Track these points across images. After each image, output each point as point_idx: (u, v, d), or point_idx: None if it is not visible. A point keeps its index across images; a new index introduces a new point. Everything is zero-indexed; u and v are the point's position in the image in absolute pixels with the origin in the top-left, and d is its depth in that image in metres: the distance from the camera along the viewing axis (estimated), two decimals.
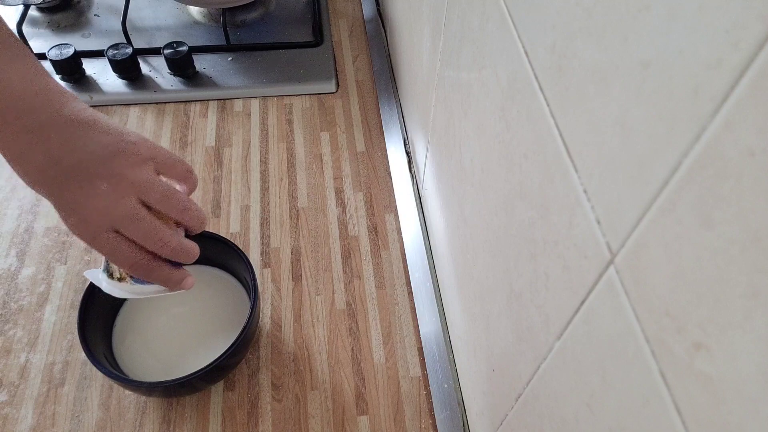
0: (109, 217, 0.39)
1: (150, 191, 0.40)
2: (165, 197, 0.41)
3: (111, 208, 0.39)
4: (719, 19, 0.17)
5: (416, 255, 0.65)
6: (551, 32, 0.28)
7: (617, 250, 0.23)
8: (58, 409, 0.54)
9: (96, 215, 0.39)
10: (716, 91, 0.17)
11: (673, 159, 0.19)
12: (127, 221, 0.39)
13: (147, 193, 0.40)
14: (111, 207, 0.39)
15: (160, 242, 0.41)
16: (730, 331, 0.18)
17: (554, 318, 0.30)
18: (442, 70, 0.50)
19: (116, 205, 0.39)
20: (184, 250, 0.43)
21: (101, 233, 0.39)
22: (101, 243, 0.40)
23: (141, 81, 0.79)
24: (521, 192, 0.33)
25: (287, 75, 0.82)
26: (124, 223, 0.39)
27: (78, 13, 0.87)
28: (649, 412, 0.22)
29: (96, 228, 0.39)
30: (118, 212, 0.39)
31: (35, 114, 0.38)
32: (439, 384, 0.56)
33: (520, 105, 0.32)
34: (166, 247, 0.41)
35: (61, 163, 0.38)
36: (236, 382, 0.57)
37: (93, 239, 0.39)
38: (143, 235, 0.40)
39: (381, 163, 0.74)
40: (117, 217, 0.39)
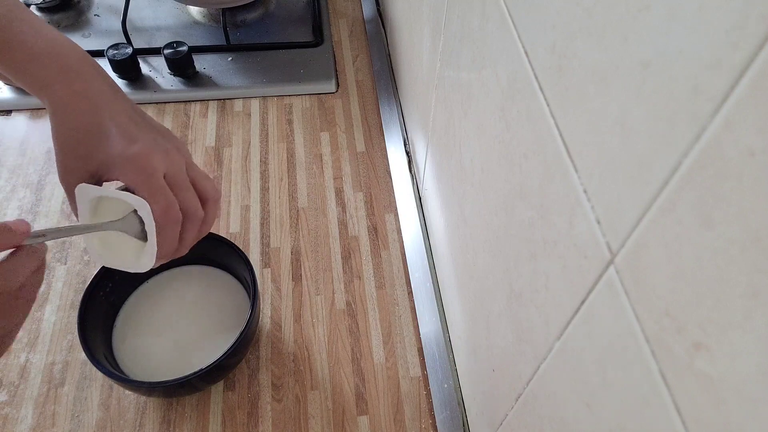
0: (171, 163, 0.41)
1: (191, 169, 0.44)
2: (198, 181, 0.44)
3: (174, 159, 0.42)
4: (719, 19, 0.17)
5: (416, 255, 0.65)
6: (551, 32, 0.28)
7: (617, 250, 0.23)
8: (58, 409, 0.54)
9: (163, 156, 0.41)
10: (716, 91, 0.17)
11: (673, 159, 0.19)
12: (180, 175, 0.42)
13: (189, 169, 0.43)
14: (174, 158, 0.42)
15: (195, 205, 0.43)
16: (730, 331, 0.18)
17: (554, 318, 0.30)
18: (442, 70, 0.50)
19: (177, 160, 0.42)
20: (199, 225, 0.45)
21: (159, 171, 0.41)
22: (157, 175, 0.41)
23: (141, 81, 0.79)
24: (521, 192, 0.33)
25: (287, 75, 0.82)
26: (178, 175, 0.42)
27: (78, 13, 0.87)
28: (649, 412, 0.22)
29: (159, 164, 0.41)
30: (178, 164, 0.42)
31: (103, 76, 0.43)
32: (439, 384, 0.56)
33: (520, 105, 0.32)
34: (198, 211, 0.43)
35: (131, 116, 0.42)
36: (236, 382, 0.57)
37: (153, 170, 0.41)
38: (186, 192, 0.42)
39: (381, 163, 0.74)
40: (176, 168, 0.42)
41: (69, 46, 0.43)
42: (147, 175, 0.40)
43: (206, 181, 0.44)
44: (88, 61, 0.43)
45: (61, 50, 0.42)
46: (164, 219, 0.41)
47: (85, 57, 0.43)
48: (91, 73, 0.42)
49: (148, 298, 0.58)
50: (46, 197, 0.68)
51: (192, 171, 0.44)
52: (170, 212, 0.41)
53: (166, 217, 0.41)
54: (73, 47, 0.43)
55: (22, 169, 0.71)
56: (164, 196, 0.41)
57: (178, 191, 0.42)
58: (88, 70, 0.42)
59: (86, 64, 0.43)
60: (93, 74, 0.42)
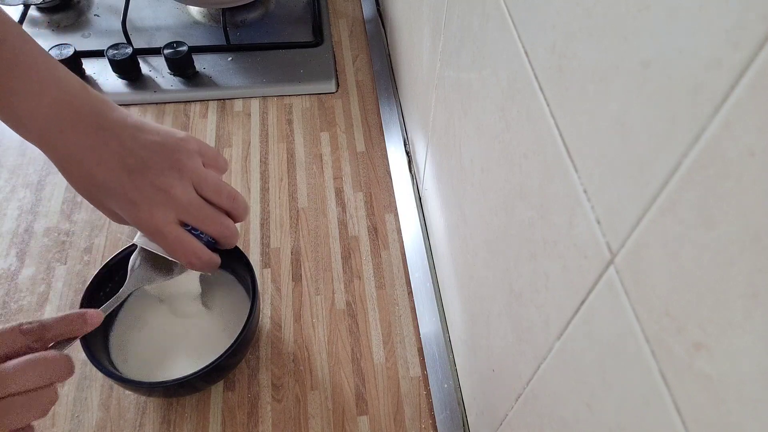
0: (176, 208, 0.41)
1: (204, 182, 0.43)
2: (217, 187, 0.44)
3: (178, 198, 0.41)
4: (719, 19, 0.17)
5: (416, 255, 0.65)
6: (551, 32, 0.28)
7: (617, 250, 0.23)
8: (58, 409, 0.54)
9: (165, 207, 0.41)
10: (716, 91, 0.17)
11: (673, 159, 0.19)
12: (192, 210, 0.42)
13: (201, 184, 0.43)
14: (178, 197, 0.41)
15: (221, 226, 0.44)
16: (730, 331, 0.18)
17: (554, 318, 0.30)
18: (442, 70, 0.50)
19: (182, 196, 0.42)
20: (235, 234, 0.46)
21: (169, 224, 0.42)
22: (169, 233, 0.42)
23: (141, 81, 0.79)
24: (521, 192, 0.33)
25: (287, 75, 0.82)
26: (189, 213, 0.42)
27: (78, 13, 0.87)
28: (649, 412, 0.22)
29: (164, 219, 0.41)
30: (184, 202, 0.42)
31: (95, 117, 0.41)
32: (439, 384, 0.56)
33: (520, 105, 0.32)
34: (226, 229, 0.45)
35: (125, 163, 0.41)
36: (236, 382, 0.57)
37: (162, 230, 0.42)
38: (206, 221, 0.43)
39: (381, 163, 0.74)
40: (183, 207, 0.42)
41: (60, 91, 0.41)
42: (158, 236, 0.42)
43: (221, 197, 0.45)
44: (77, 100, 0.41)
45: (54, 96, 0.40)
46: (191, 265, 0.44)
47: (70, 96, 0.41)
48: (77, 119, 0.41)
49: (147, 297, 0.58)
50: (46, 197, 0.68)
51: (205, 188, 0.43)
52: (192, 259, 0.44)
53: (192, 263, 0.44)
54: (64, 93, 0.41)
55: (22, 169, 0.71)
56: (181, 248, 0.43)
57: (200, 224, 0.43)
58: (74, 117, 0.41)
59: (72, 106, 0.41)
60: (77, 120, 0.41)
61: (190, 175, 0.42)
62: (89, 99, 0.41)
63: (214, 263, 0.46)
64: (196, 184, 0.43)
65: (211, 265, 0.46)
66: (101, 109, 0.42)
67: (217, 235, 0.45)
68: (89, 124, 0.41)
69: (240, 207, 0.46)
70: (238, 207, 0.46)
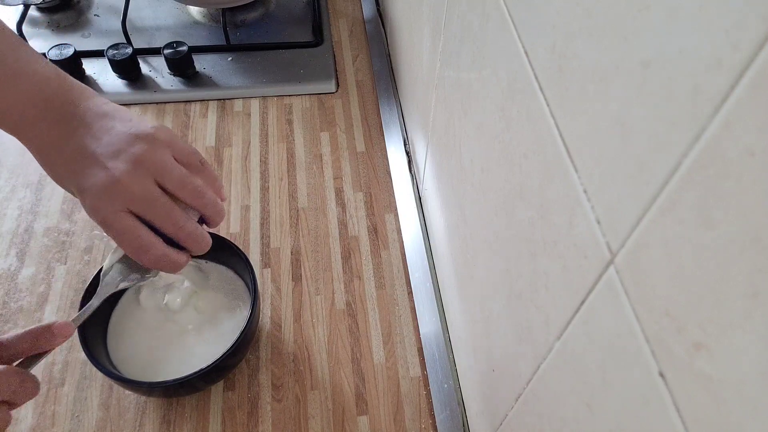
0: (126, 196, 0.39)
1: (167, 174, 0.41)
2: (181, 182, 0.41)
3: (129, 187, 0.39)
4: (719, 19, 0.17)
5: (416, 255, 0.65)
6: (551, 32, 0.28)
7: (617, 250, 0.23)
8: (58, 409, 0.54)
9: (113, 194, 0.39)
10: (716, 91, 0.17)
11: (673, 159, 0.19)
12: (144, 201, 0.40)
13: (164, 176, 0.41)
14: (129, 186, 0.39)
15: (176, 225, 0.41)
16: (730, 331, 0.18)
17: (554, 318, 0.30)
18: (442, 70, 0.50)
19: (134, 185, 0.39)
20: (199, 237, 0.43)
21: (116, 213, 0.39)
22: (114, 222, 0.40)
23: (141, 81, 0.79)
24: (521, 192, 0.33)
25: (287, 75, 0.82)
26: (141, 204, 0.40)
27: (78, 13, 0.87)
28: (649, 412, 0.22)
29: (112, 207, 0.39)
30: (135, 191, 0.39)
31: (67, 106, 0.41)
32: (439, 384, 0.56)
33: (520, 105, 0.32)
34: (181, 230, 0.41)
35: (86, 152, 0.40)
36: (236, 382, 0.57)
37: (107, 219, 0.40)
38: (159, 216, 0.40)
39: (381, 163, 0.74)
40: (134, 197, 0.39)
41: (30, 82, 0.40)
42: (104, 227, 0.40)
43: (185, 192, 0.42)
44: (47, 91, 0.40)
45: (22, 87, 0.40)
46: (136, 258, 0.41)
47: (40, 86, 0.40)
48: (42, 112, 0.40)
49: (147, 297, 0.58)
50: (46, 197, 0.68)
51: (167, 181, 0.41)
52: (139, 253, 0.41)
53: (135, 256, 0.41)
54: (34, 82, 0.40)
55: (22, 169, 0.71)
56: (124, 239, 0.40)
57: (152, 218, 0.40)
58: (41, 110, 0.40)
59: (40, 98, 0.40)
60: (44, 112, 0.40)
61: (150, 165, 0.40)
62: (63, 88, 0.41)
63: (172, 261, 0.42)
64: (157, 176, 0.40)
65: (168, 263, 0.42)
66: (74, 98, 0.41)
67: (171, 233, 0.41)
68: (62, 113, 0.40)
69: (208, 206, 0.43)
70: (205, 205, 0.43)
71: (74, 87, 0.42)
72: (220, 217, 0.45)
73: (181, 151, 0.43)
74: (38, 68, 0.40)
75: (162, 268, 0.42)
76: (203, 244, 0.43)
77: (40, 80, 0.40)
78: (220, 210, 0.44)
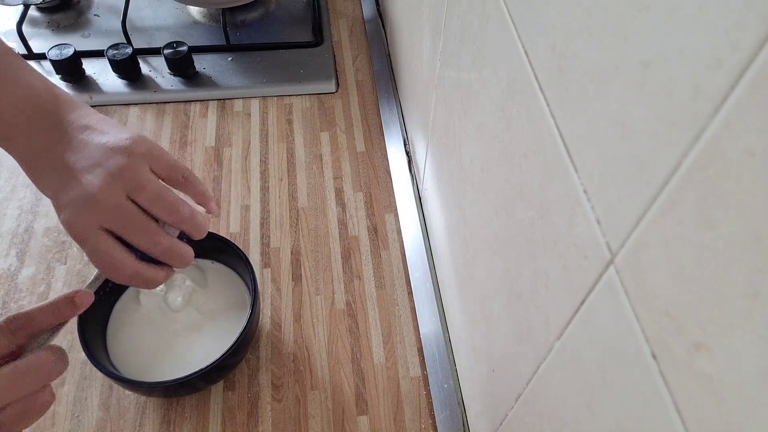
0: (99, 212, 0.38)
1: (141, 189, 0.39)
2: (155, 196, 0.40)
3: (102, 203, 0.38)
4: (719, 19, 0.17)
5: (416, 255, 0.65)
6: (551, 32, 0.28)
7: (617, 250, 0.23)
8: (58, 409, 0.54)
9: (86, 210, 0.38)
10: (716, 91, 0.17)
11: (673, 159, 0.19)
12: (117, 218, 0.38)
13: (137, 191, 0.39)
14: (102, 202, 0.38)
15: (150, 241, 0.40)
16: (730, 331, 0.18)
17: (554, 318, 0.30)
18: (442, 70, 0.50)
19: (107, 201, 0.38)
20: (177, 253, 0.41)
21: (90, 230, 0.38)
22: (87, 239, 0.39)
23: (141, 81, 0.79)
24: (521, 192, 0.33)
25: (287, 75, 0.82)
26: (113, 220, 0.38)
27: (78, 13, 0.87)
28: (649, 412, 0.22)
29: (86, 225, 0.38)
30: (108, 207, 0.38)
31: (51, 117, 0.40)
32: (439, 384, 0.56)
33: (520, 105, 0.32)
34: (157, 246, 0.40)
35: (65, 165, 0.39)
36: (236, 382, 0.57)
37: (80, 235, 0.39)
38: (132, 232, 0.39)
39: (381, 163, 0.74)
40: (107, 213, 0.38)
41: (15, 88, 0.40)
42: (81, 244, 0.39)
43: (159, 207, 0.40)
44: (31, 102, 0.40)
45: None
46: (113, 278, 0.40)
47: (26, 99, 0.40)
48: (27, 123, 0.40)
49: (146, 297, 0.58)
50: (45, 197, 0.68)
51: (139, 195, 0.39)
52: (112, 273, 0.40)
53: (110, 276, 0.40)
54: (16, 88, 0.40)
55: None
56: (99, 260, 0.39)
57: (127, 235, 0.39)
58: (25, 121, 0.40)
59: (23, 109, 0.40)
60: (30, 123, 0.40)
61: (124, 180, 0.39)
62: (50, 98, 0.40)
63: (146, 279, 0.41)
64: (130, 191, 0.39)
65: (142, 281, 0.41)
66: (58, 109, 0.40)
67: (146, 250, 0.40)
68: (47, 123, 0.40)
69: (185, 221, 0.41)
70: (182, 221, 0.41)
71: (60, 97, 0.41)
72: (200, 232, 0.43)
73: (160, 165, 0.41)
74: (25, 77, 0.40)
75: (137, 285, 0.42)
76: (183, 259, 0.42)
77: (27, 89, 0.40)
78: (199, 225, 0.43)
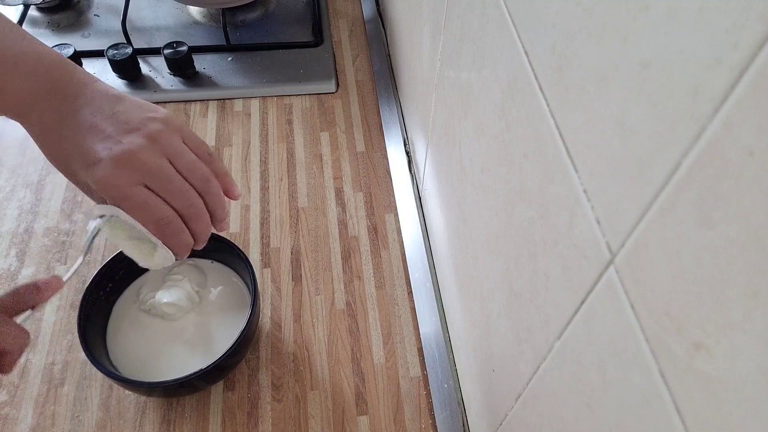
0: (142, 170, 0.39)
1: (179, 156, 0.41)
2: (192, 165, 0.42)
3: (146, 162, 0.39)
4: (719, 19, 0.17)
5: (416, 255, 0.65)
6: (551, 32, 0.28)
7: (617, 250, 0.23)
8: (58, 409, 0.54)
9: (129, 167, 0.39)
10: (716, 91, 0.17)
11: (673, 159, 0.19)
12: (160, 176, 0.40)
13: (176, 158, 0.41)
14: (146, 161, 0.39)
15: (188, 201, 0.41)
16: (730, 331, 0.18)
17: (554, 318, 0.30)
18: (442, 70, 0.50)
19: (151, 160, 0.40)
20: (206, 219, 0.43)
21: (133, 187, 0.40)
22: (132, 195, 0.40)
23: (141, 81, 0.79)
24: (521, 192, 0.33)
25: (287, 75, 0.82)
26: (157, 178, 0.40)
27: (78, 13, 0.87)
28: (649, 412, 0.22)
29: (128, 181, 0.39)
30: (152, 167, 0.40)
31: (73, 87, 0.41)
32: (439, 384, 0.56)
33: (520, 105, 0.32)
34: (193, 207, 0.42)
35: (96, 128, 0.40)
36: (236, 382, 0.57)
37: (123, 191, 0.40)
38: (173, 192, 0.41)
39: (381, 163, 0.74)
40: (151, 172, 0.40)
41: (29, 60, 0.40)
42: (119, 199, 0.40)
43: (195, 176, 0.42)
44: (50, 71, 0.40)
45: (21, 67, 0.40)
46: (156, 232, 0.42)
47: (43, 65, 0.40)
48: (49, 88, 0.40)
49: (146, 296, 0.58)
50: (46, 197, 0.68)
51: (178, 161, 0.41)
52: (160, 225, 0.41)
53: (157, 229, 0.41)
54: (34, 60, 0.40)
55: (22, 168, 0.71)
56: (146, 212, 0.40)
57: (166, 194, 0.41)
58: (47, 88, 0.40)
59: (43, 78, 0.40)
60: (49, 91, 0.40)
61: (163, 145, 0.40)
62: (68, 71, 0.41)
63: (186, 240, 0.43)
64: (170, 156, 0.41)
65: (183, 241, 0.43)
66: (80, 79, 0.41)
67: (183, 210, 0.42)
68: (67, 93, 0.40)
69: (213, 194, 0.43)
70: (211, 193, 0.43)
71: (78, 70, 0.42)
72: (222, 209, 0.44)
73: (191, 140, 0.43)
74: (41, 50, 0.40)
75: (177, 243, 0.43)
76: (208, 229, 0.44)
77: (44, 62, 0.40)
78: (223, 202, 0.44)
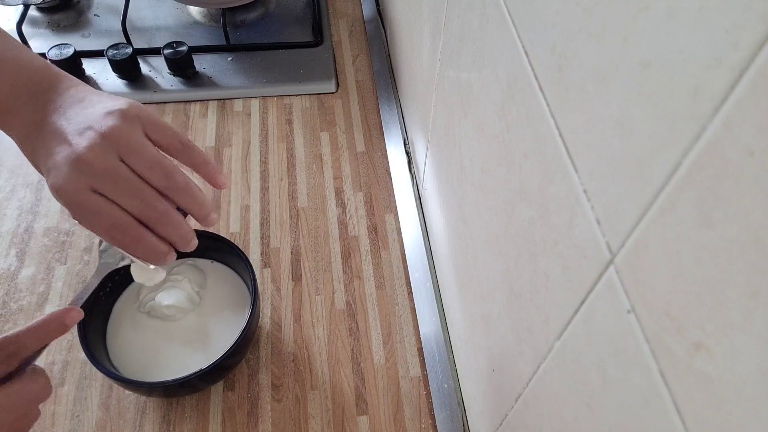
0: (90, 174, 0.36)
1: (135, 153, 0.37)
2: (151, 161, 0.37)
3: (92, 163, 0.36)
4: (719, 19, 0.17)
5: (416, 255, 0.65)
6: (551, 32, 0.28)
7: (617, 250, 0.23)
8: (58, 409, 0.54)
9: (75, 171, 0.36)
10: (716, 91, 0.17)
11: (673, 159, 0.19)
12: (107, 178, 0.36)
13: (130, 154, 0.37)
14: (90, 163, 0.36)
15: (143, 202, 0.37)
16: (730, 331, 0.18)
17: (554, 318, 0.30)
18: (442, 70, 0.50)
19: (96, 161, 0.36)
20: (175, 221, 0.38)
21: (81, 192, 0.36)
22: (83, 203, 0.36)
23: (141, 81, 0.79)
24: (521, 192, 0.33)
25: (287, 75, 0.82)
26: (103, 180, 0.36)
27: (78, 13, 0.87)
28: (649, 412, 0.22)
29: (75, 186, 0.36)
30: (99, 169, 0.36)
31: (50, 93, 0.40)
32: (439, 384, 0.56)
33: (520, 105, 0.32)
34: (151, 209, 0.37)
35: (57, 132, 0.38)
36: (236, 382, 0.57)
37: (73, 198, 0.37)
38: (125, 194, 0.37)
39: (381, 163, 0.74)
40: (96, 174, 0.36)
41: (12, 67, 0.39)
42: (73, 207, 0.37)
43: (154, 173, 0.37)
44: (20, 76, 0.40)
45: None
46: (111, 240, 0.38)
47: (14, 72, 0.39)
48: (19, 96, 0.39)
49: (146, 296, 0.58)
50: (45, 197, 0.68)
51: (133, 158, 0.37)
52: (112, 233, 0.37)
53: (110, 238, 0.38)
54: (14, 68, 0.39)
55: (22, 169, 0.71)
56: (96, 220, 0.37)
57: (117, 197, 0.37)
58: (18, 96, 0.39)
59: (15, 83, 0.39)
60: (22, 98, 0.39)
61: (116, 141, 0.36)
62: (48, 76, 0.40)
63: (153, 246, 0.38)
64: (122, 153, 0.37)
65: (149, 248, 0.38)
66: (57, 85, 0.40)
67: (140, 214, 0.37)
68: (44, 99, 0.40)
69: (180, 191, 0.38)
70: (177, 190, 0.38)
71: (59, 75, 0.41)
72: (198, 205, 0.39)
73: (156, 130, 0.39)
74: (23, 56, 0.40)
75: (142, 252, 0.38)
76: (182, 231, 0.39)
77: (26, 68, 0.40)
78: (197, 197, 0.39)
